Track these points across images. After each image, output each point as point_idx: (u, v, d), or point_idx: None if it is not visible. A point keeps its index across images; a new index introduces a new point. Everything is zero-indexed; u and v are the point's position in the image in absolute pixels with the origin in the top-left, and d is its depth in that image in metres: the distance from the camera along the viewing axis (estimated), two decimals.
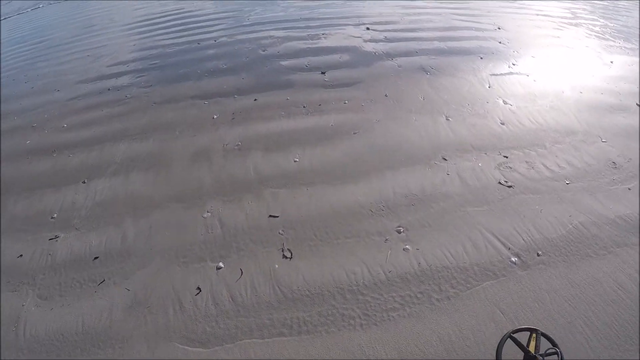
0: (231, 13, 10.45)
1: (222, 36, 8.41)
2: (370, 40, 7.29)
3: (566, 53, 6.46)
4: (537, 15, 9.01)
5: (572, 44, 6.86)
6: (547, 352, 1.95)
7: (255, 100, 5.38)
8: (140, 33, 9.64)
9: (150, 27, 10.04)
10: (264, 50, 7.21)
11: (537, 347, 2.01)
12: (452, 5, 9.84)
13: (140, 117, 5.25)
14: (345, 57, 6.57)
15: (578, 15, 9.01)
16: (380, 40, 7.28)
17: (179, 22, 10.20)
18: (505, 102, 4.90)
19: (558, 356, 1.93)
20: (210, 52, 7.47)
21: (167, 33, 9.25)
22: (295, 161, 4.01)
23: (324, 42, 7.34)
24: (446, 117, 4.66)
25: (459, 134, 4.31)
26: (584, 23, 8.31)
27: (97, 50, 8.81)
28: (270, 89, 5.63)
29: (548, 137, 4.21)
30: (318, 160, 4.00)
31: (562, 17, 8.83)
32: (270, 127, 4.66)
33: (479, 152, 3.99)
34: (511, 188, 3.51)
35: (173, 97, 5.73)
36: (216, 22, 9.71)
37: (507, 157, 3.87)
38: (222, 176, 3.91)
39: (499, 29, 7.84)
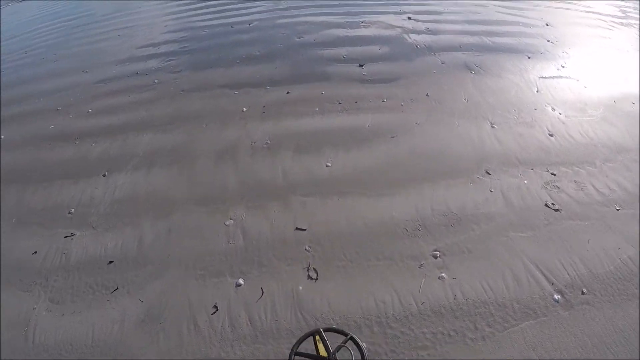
0: None
1: (257, 20, 8.10)
2: (412, 32, 6.81)
3: (618, 57, 5.83)
4: (587, 12, 8.27)
5: (624, 47, 6.21)
6: (340, 346, 1.85)
7: (288, 93, 5.06)
8: (173, 13, 9.45)
9: (184, 8, 9.86)
10: (299, 37, 6.84)
11: (326, 347, 1.87)
12: None
13: (167, 106, 5.04)
14: (385, 48, 6.14)
15: (629, 14, 8.24)
16: (422, 32, 6.79)
17: (214, 1, 9.89)
18: (553, 110, 4.45)
19: (353, 341, 1.85)
20: (244, 37, 7.17)
21: (200, 14, 9.03)
22: (327, 166, 3.68)
23: (363, 31, 6.91)
24: (491, 123, 4.23)
25: (504, 144, 3.89)
26: (636, 24, 7.54)
27: (129, 30, 8.69)
28: (304, 81, 5.31)
29: (598, 153, 3.73)
30: (352, 166, 3.66)
31: (612, 16, 8.07)
32: (302, 125, 4.36)
33: (525, 167, 3.57)
34: (558, 212, 3.09)
35: (202, 85, 5.49)
36: (252, 3, 9.35)
37: (554, 175, 3.45)
38: (248, 178, 3.63)
39: (547, 25, 7.25)
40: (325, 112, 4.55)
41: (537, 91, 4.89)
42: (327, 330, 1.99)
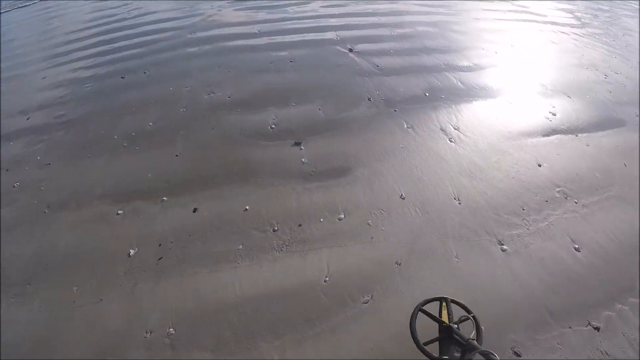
0: (175, 22, 8.06)
1: (156, 62, 6.14)
2: (360, 73, 5.34)
3: (610, 91, 5.03)
4: (544, 23, 7.57)
5: (608, 74, 5.48)
6: (461, 319, 1.80)
7: (195, 210, 3.35)
8: (55, 56, 7.17)
9: (70, 46, 7.58)
10: (209, 93, 5.08)
11: (449, 315, 1.85)
12: (442, 9, 7.95)
13: (24, 245, 3.24)
14: (327, 107, 4.59)
15: (584, 21, 7.81)
16: (374, 73, 5.31)
17: (107, 36, 7.82)
18: (567, 197, 3.33)
19: (473, 321, 1.76)
20: (136, 95, 5.27)
21: (88, 56, 6.92)
22: None
23: (293, 77, 5.27)
24: (499, 242, 2.95)
25: (527, 286, 2.63)
26: (597, 33, 7.04)
27: None
28: (218, 184, 3.65)
29: None
30: None
31: (571, 26, 7.56)
32: (221, 288, 2.74)
33: (563, 329, 2.36)
34: None
35: (75, 195, 3.72)
36: (154, 35, 7.37)
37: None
38: None
39: (512, 46, 6.30)
40: (255, 252, 2.94)
41: (539, 165, 3.63)
42: (454, 301, 1.91)
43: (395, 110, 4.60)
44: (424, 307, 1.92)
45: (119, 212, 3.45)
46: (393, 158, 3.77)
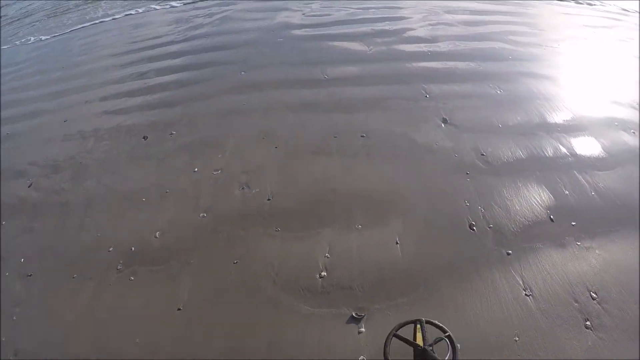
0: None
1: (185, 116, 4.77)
2: (458, 168, 3.90)
3: None
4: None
5: None
6: (436, 340, 1.85)
7: None
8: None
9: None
10: (242, 187, 3.87)
11: (424, 337, 1.88)
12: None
13: None
14: (408, 236, 3.22)
15: None
16: (478, 170, 3.88)
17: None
18: None
19: (448, 341, 1.83)
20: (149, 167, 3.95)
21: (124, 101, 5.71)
22: None
23: (364, 170, 3.97)
24: None
25: None
26: None
27: None
28: None
29: None
30: None
31: None
32: None
33: None
34: None
35: None
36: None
37: None
38: None
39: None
40: None
41: None
42: (428, 322, 1.98)
43: (509, 254, 2.93)
44: (397, 332, 1.94)
45: None
46: None
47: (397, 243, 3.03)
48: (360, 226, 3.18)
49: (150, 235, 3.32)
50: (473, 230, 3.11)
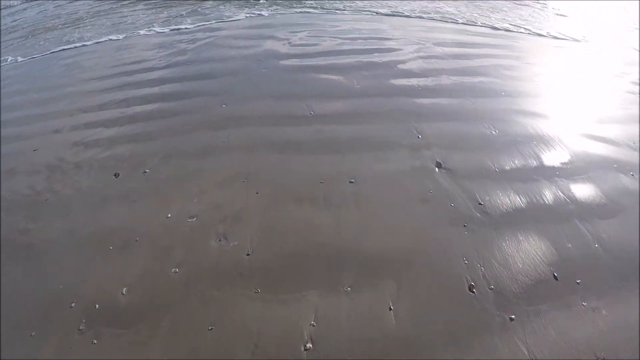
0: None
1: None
2: (455, 220, 3.61)
3: None
4: None
5: None
6: None
7: None
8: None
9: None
10: (219, 239, 3.46)
11: None
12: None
13: None
14: (402, 301, 2.96)
15: None
16: (476, 221, 3.65)
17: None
18: None
19: None
20: (119, 211, 3.56)
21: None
22: None
23: (353, 221, 3.70)
24: None
25: None
26: None
27: None
28: None
29: None
30: None
31: None
32: None
33: None
34: None
35: None
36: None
37: None
38: None
39: None
40: None
41: None
42: None
43: (512, 319, 2.67)
44: None
45: None
46: None
47: (390, 309, 2.72)
48: (349, 288, 2.85)
49: (117, 291, 2.93)
50: (473, 292, 2.82)
